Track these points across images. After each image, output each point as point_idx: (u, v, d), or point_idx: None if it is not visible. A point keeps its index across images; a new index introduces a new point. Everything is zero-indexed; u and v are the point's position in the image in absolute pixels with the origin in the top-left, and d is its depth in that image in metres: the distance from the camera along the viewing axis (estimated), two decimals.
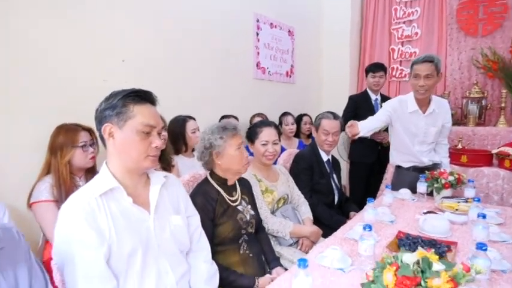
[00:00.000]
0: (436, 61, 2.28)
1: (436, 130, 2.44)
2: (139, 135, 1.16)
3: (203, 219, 1.48)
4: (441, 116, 2.45)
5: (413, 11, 4.36)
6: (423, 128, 2.43)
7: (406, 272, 0.94)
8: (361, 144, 3.38)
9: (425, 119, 2.42)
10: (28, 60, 1.88)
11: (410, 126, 2.45)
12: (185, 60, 2.82)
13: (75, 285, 1.05)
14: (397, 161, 2.61)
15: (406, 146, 2.50)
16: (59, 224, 1.09)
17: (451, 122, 2.54)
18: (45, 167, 1.80)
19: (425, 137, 2.45)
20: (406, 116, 2.44)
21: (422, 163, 2.49)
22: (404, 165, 2.57)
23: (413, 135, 2.46)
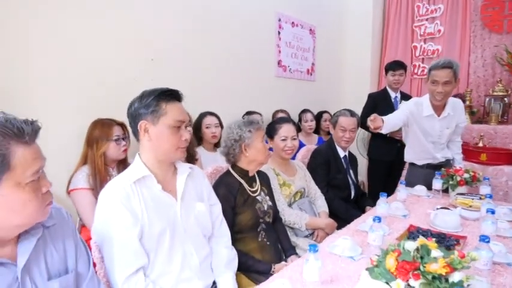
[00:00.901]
0: (455, 67, 2.26)
1: (450, 131, 2.48)
2: (171, 130, 1.31)
3: (225, 208, 1.62)
4: (455, 118, 2.47)
5: (437, 8, 4.33)
6: (438, 131, 2.46)
7: (407, 258, 1.03)
8: (379, 142, 3.43)
9: (439, 122, 2.44)
10: (67, 62, 2.05)
11: (425, 128, 2.48)
12: (209, 59, 2.95)
13: (112, 261, 1.21)
14: (412, 158, 2.66)
15: (421, 145, 2.54)
16: (99, 206, 1.25)
17: (465, 121, 2.56)
18: (82, 158, 1.98)
19: (440, 138, 2.49)
20: (422, 119, 2.46)
21: (435, 159, 2.54)
22: (419, 162, 2.62)
23: (429, 135, 2.50)
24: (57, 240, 1.02)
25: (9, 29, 1.81)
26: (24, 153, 0.83)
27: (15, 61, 1.84)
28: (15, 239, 0.92)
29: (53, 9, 1.97)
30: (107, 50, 2.23)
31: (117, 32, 2.28)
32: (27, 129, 0.83)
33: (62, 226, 1.05)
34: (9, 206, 0.83)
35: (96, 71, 2.18)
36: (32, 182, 0.85)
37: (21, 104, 1.83)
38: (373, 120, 2.18)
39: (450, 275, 0.99)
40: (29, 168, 0.84)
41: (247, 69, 3.34)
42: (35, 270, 0.95)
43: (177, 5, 2.66)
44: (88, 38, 2.13)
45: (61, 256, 1.03)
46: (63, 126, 2.04)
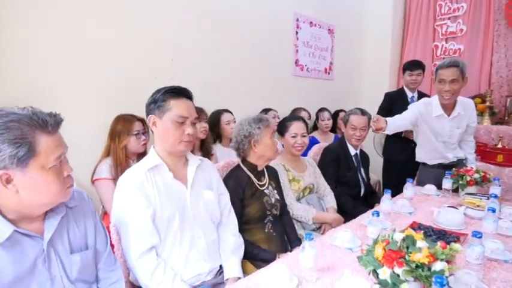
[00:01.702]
0: (461, 66, 2.29)
1: (460, 131, 2.48)
2: (174, 124, 1.43)
3: (233, 200, 1.73)
4: (466, 118, 2.47)
5: (459, 6, 4.27)
6: (448, 131, 2.47)
7: (393, 247, 1.11)
8: (394, 141, 3.45)
9: (450, 122, 2.45)
10: (93, 62, 2.21)
11: (436, 128, 2.50)
12: (227, 58, 3.07)
13: (128, 239, 1.35)
14: (423, 158, 2.69)
15: (431, 145, 2.56)
16: (117, 192, 1.40)
17: (476, 121, 2.55)
18: (105, 150, 2.14)
19: (450, 138, 2.50)
20: (432, 120, 2.48)
21: (447, 159, 2.55)
22: (430, 162, 2.63)
23: (439, 135, 2.51)
24: (79, 220, 1.17)
25: (40, 32, 1.98)
26: (48, 141, 0.96)
27: (47, 62, 2.02)
28: (42, 216, 1.06)
29: (79, 11, 2.13)
30: (129, 51, 2.39)
31: (139, 33, 2.43)
32: (50, 120, 0.97)
33: (83, 207, 1.20)
34: (36, 187, 0.96)
35: (120, 71, 2.34)
36: (55, 166, 0.99)
37: (53, 101, 2.00)
38: (376, 121, 2.22)
39: (433, 264, 1.06)
40: (51, 154, 0.97)
41: (265, 68, 3.44)
42: (59, 244, 1.09)
43: (196, 5, 2.78)
44: (112, 39, 2.29)
45: (82, 234, 1.17)
46: (89, 121, 2.21)
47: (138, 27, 2.42)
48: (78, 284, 1.13)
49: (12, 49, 1.89)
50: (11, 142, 0.90)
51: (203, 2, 2.83)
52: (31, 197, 0.97)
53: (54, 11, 2.02)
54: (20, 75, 1.92)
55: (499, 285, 1.26)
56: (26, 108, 0.96)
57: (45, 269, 1.04)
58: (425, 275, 1.03)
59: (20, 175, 0.93)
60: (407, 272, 1.05)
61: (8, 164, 0.91)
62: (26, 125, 0.93)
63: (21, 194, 0.95)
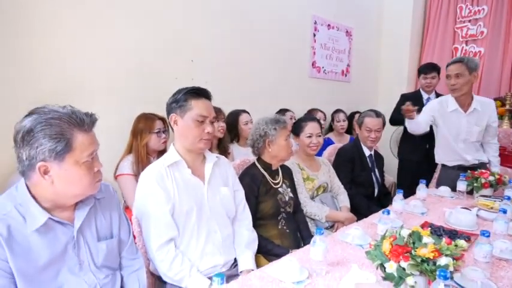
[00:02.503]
0: (465, 61, 2.41)
1: (479, 129, 2.50)
2: (194, 123, 1.52)
3: (249, 196, 1.80)
4: (485, 115, 2.49)
5: (480, 9, 4.23)
6: (465, 127, 2.51)
7: (399, 242, 1.16)
8: (409, 141, 3.47)
9: (467, 118, 2.50)
10: (117, 63, 2.33)
11: (452, 125, 2.54)
12: (245, 60, 3.15)
13: (149, 231, 1.44)
14: (442, 159, 2.70)
15: (449, 145, 2.59)
16: (139, 186, 1.49)
17: (496, 121, 2.55)
18: (128, 147, 2.25)
19: (468, 135, 2.52)
20: (447, 115, 2.55)
21: (466, 161, 2.56)
22: (449, 163, 2.65)
23: (456, 134, 2.54)
24: (105, 210, 1.26)
25: (61, 34, 2.09)
26: (83, 139, 1.06)
27: (68, 63, 2.14)
28: (73, 206, 1.16)
29: (103, 12, 2.24)
30: (151, 52, 2.50)
31: (160, 35, 2.54)
32: (87, 120, 1.07)
33: (109, 199, 1.29)
34: (69, 179, 1.06)
35: (142, 71, 2.45)
36: (87, 161, 1.08)
37: (76, 101, 2.08)
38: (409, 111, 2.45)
39: (438, 259, 1.10)
40: (85, 151, 1.07)
41: (282, 69, 3.51)
42: (88, 232, 1.18)
43: (216, 8, 2.88)
44: (134, 41, 2.40)
45: (108, 223, 1.26)
46: (113, 119, 2.30)
47: (159, 28, 2.53)
48: (104, 270, 1.22)
49: (32, 51, 2.00)
50: (52, 137, 1.00)
51: (223, 5, 2.92)
52: (64, 188, 1.06)
53: (75, 11, 2.13)
54: (42, 77, 2.04)
55: (506, 282, 1.29)
56: (66, 107, 1.06)
57: (75, 254, 1.13)
58: (430, 269, 1.08)
59: (56, 167, 1.03)
60: (413, 266, 1.10)
61: (47, 156, 1.01)
62: (65, 123, 1.03)
63: (56, 184, 1.05)
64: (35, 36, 2.00)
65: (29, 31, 1.97)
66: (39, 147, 0.99)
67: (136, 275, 1.33)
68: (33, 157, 1.00)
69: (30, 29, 1.97)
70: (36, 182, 1.04)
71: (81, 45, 2.17)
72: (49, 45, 2.05)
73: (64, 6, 2.09)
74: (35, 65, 2.01)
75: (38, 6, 1.99)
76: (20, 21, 1.93)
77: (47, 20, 2.03)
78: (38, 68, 2.02)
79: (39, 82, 2.02)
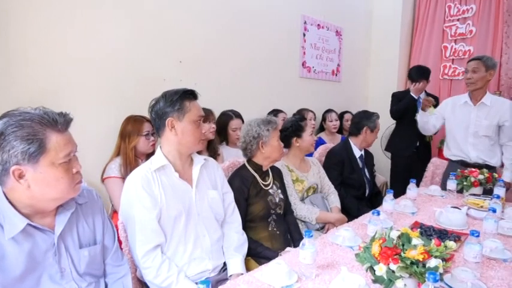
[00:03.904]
0: (484, 59, 2.54)
1: (487, 124, 2.54)
2: (194, 125, 1.52)
3: (238, 199, 1.78)
4: (496, 112, 2.54)
5: (469, 8, 4.25)
6: (474, 120, 2.59)
7: (389, 244, 1.14)
8: (399, 136, 3.49)
9: (476, 111, 2.59)
10: (103, 64, 2.28)
11: (461, 118, 2.65)
12: (235, 61, 3.11)
13: (134, 236, 1.41)
14: (448, 154, 2.78)
15: (455, 139, 2.69)
16: (124, 191, 1.46)
17: (510, 121, 2.52)
18: (116, 150, 2.21)
19: (477, 128, 2.58)
20: (458, 108, 2.68)
21: (469, 159, 2.61)
22: (453, 158, 2.73)
23: (465, 127, 2.63)
24: (88, 216, 1.23)
25: (49, 34, 2.04)
26: (58, 139, 1.02)
27: (55, 64, 2.08)
28: (54, 212, 1.12)
29: (88, 12, 2.18)
30: (139, 53, 2.45)
31: (148, 35, 2.49)
32: (60, 119, 1.04)
33: (92, 204, 1.26)
34: (46, 182, 1.02)
35: (128, 73, 2.40)
36: (64, 163, 1.05)
37: (64, 102, 2.05)
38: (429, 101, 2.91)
39: (427, 260, 1.09)
40: (61, 151, 1.03)
41: (272, 69, 3.48)
42: (69, 238, 1.15)
43: (204, 8, 2.83)
44: (120, 41, 2.35)
45: (91, 229, 1.23)
46: (99, 122, 2.27)
47: (147, 29, 2.48)
48: (87, 277, 1.19)
49: (23, 52, 1.95)
50: (23, 139, 0.96)
51: (211, 5, 2.88)
52: (41, 191, 1.03)
53: (63, 12, 2.08)
54: (30, 78, 1.98)
55: (496, 282, 1.28)
56: (38, 108, 1.03)
57: (56, 262, 1.10)
58: (419, 271, 1.06)
59: (31, 170, 0.99)
60: (402, 269, 1.08)
61: (21, 159, 0.97)
62: (37, 123, 0.99)
63: (33, 188, 1.01)
64: (23, 38, 1.95)
65: (16, 32, 1.92)
66: (11, 150, 0.96)
67: (121, 282, 1.29)
68: (6, 161, 0.97)
69: (18, 30, 1.93)
70: (12, 187, 1.01)
71: (68, 47, 2.12)
72: (36, 47, 2.00)
73: (52, 7, 2.04)
74: (21, 67, 1.96)
75: (24, 7, 1.94)
76: (8, 21, 1.88)
77: (35, 21, 1.98)
78: (24, 70, 1.97)
79: (25, 84, 1.96)
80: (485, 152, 2.58)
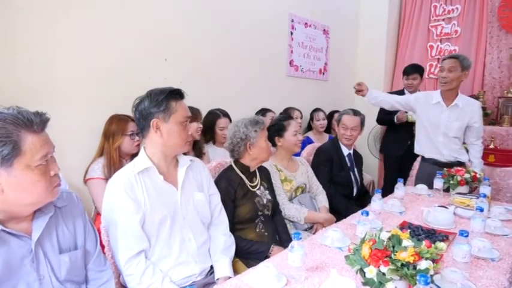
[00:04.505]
0: (461, 58, 2.48)
1: (458, 125, 2.54)
2: (180, 126, 1.46)
3: (225, 200, 1.74)
4: (466, 113, 2.53)
5: (454, 8, 4.30)
6: (445, 121, 2.56)
7: (379, 246, 1.12)
8: (392, 136, 3.51)
9: (448, 112, 2.56)
10: (86, 61, 2.21)
11: (432, 117, 2.60)
12: (222, 59, 3.07)
13: (117, 242, 1.35)
14: (420, 150, 2.77)
15: (428, 136, 2.65)
16: (106, 194, 1.40)
17: (479, 123, 2.56)
18: (99, 150, 2.14)
19: (447, 129, 2.56)
20: (430, 107, 2.62)
21: (442, 156, 2.60)
22: (426, 155, 2.72)
23: (436, 126, 2.60)
24: (68, 220, 1.17)
25: (31, 32, 1.97)
26: (33, 140, 0.97)
27: (37, 62, 2.00)
28: (31, 216, 1.06)
29: (70, 11, 2.11)
30: (123, 51, 2.39)
31: (132, 32, 2.42)
32: (35, 119, 0.97)
33: (72, 208, 1.20)
34: (21, 186, 0.96)
35: (113, 70, 2.34)
36: (41, 165, 0.99)
37: (45, 102, 1.99)
38: (360, 84, 2.74)
39: (418, 262, 1.07)
40: (37, 153, 0.97)
41: (259, 68, 3.44)
42: (48, 244, 1.09)
43: (191, 6, 2.78)
44: (105, 39, 2.28)
45: (71, 234, 1.17)
46: (82, 121, 2.20)
47: (130, 26, 2.42)
48: (67, 284, 1.13)
49: (5, 51, 1.88)
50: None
51: (198, 2, 2.83)
52: (17, 196, 0.97)
53: (47, 11, 2.02)
54: (9, 76, 1.91)
55: (485, 282, 1.28)
56: (12, 108, 0.97)
57: (33, 269, 1.04)
58: (410, 274, 1.05)
59: (5, 174, 0.94)
60: (393, 271, 1.06)
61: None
62: (10, 124, 0.93)
63: (7, 193, 0.95)
64: (5, 37, 1.87)
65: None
66: None
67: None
68: None
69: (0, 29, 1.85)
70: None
71: (50, 46, 2.05)
72: (17, 47, 1.92)
73: (35, 6, 1.97)
74: (3, 67, 1.87)
75: (6, 7, 1.86)
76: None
77: (18, 21, 1.90)
78: (4, 70, 1.88)
79: (5, 85, 1.88)
80: (456, 149, 2.61)
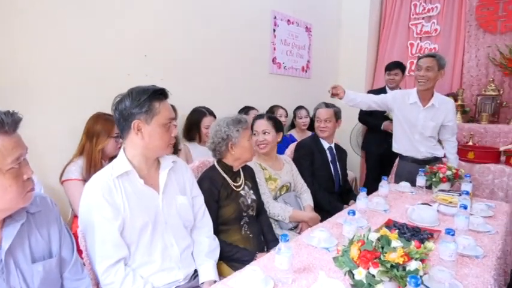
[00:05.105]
0: (438, 57, 2.48)
1: (434, 125, 2.56)
2: (163, 128, 1.37)
3: (209, 201, 1.69)
4: (442, 113, 2.55)
5: (433, 7, 4.35)
6: (421, 121, 2.57)
7: (368, 247, 1.10)
8: (373, 134, 3.54)
9: (424, 112, 2.56)
10: (62, 58, 2.11)
11: (409, 117, 2.60)
12: (204, 55, 3.00)
13: (94, 250, 1.28)
14: (397, 148, 2.78)
15: (405, 135, 2.66)
16: (83, 198, 1.33)
17: (453, 121, 2.60)
18: (79, 149, 2.02)
19: (423, 129, 2.58)
20: (407, 107, 2.61)
21: (419, 153, 2.63)
22: (404, 153, 2.74)
23: (413, 126, 2.61)
24: (42, 226, 1.10)
25: (7, 31, 1.87)
26: (4, 142, 0.90)
27: (12, 60, 1.90)
28: (0, 224, 0.99)
29: (46, 7, 2.02)
30: (100, 46, 2.29)
31: (111, 28, 2.34)
32: (6, 120, 0.90)
33: (47, 213, 1.13)
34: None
35: (91, 67, 2.24)
36: (13, 169, 0.92)
37: (20, 100, 1.90)
38: (335, 87, 2.61)
39: (408, 263, 1.06)
40: (8, 156, 0.90)
41: (241, 65, 3.40)
42: (19, 253, 1.02)
43: (172, 1, 2.71)
44: (82, 34, 2.19)
45: (45, 241, 1.10)
46: (59, 120, 2.10)
47: (110, 22, 2.33)
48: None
49: None
50: None
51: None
52: None
53: (23, 8, 1.92)
54: None
55: (471, 280, 1.28)
56: None
57: (3, 281, 0.97)
58: (400, 275, 1.03)
59: None
60: (383, 273, 1.04)
61: None
62: None
63: None
64: None
65: None
66: None
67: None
68: None
69: None
70: None
71: (26, 43, 1.94)
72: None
73: (12, 3, 1.86)
74: None
75: None
76: None
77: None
78: None
79: None
80: (432, 146, 2.64)
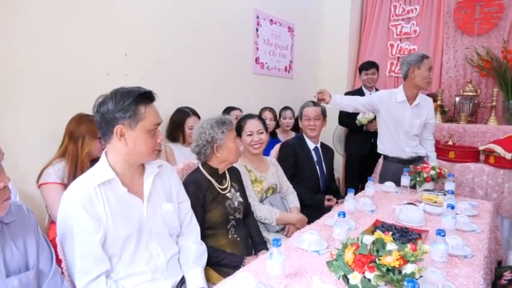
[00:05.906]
0: None
1: (419, 122, 2.61)
2: (148, 134, 1.29)
3: (194, 206, 1.63)
4: (425, 111, 2.62)
5: (413, 8, 4.43)
6: (408, 119, 2.60)
7: (363, 251, 1.08)
8: (355, 136, 3.56)
9: (411, 111, 2.60)
10: (39, 57, 2.00)
11: (396, 116, 2.62)
12: (186, 55, 2.93)
13: (73, 263, 1.20)
14: (383, 149, 2.79)
15: (391, 135, 2.67)
16: (61, 207, 1.24)
17: (434, 119, 2.68)
18: (61, 151, 1.88)
19: (410, 127, 2.61)
20: (394, 106, 2.62)
21: (404, 153, 2.65)
22: (389, 153, 2.75)
23: (399, 125, 2.63)
24: (17, 237, 1.02)
25: None
26: None
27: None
28: None
29: (22, 4, 1.91)
30: (79, 45, 2.19)
31: (90, 26, 2.24)
32: None
33: (23, 223, 1.05)
34: None
35: (67, 66, 2.14)
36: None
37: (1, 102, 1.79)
38: (321, 92, 2.55)
39: (403, 267, 1.04)
40: None
41: (224, 65, 3.34)
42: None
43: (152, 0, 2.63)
44: (60, 33, 2.09)
45: (21, 253, 1.02)
46: (33, 121, 1.99)
47: (88, 20, 2.23)
48: None
49: None
50: None
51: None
52: None
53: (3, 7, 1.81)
54: None
55: (462, 281, 1.28)
56: None
57: None
58: (396, 279, 1.01)
59: None
60: (379, 277, 1.02)
61: None
62: None
63: None
64: None
65: None
66: None
67: None
68: None
69: None
70: None
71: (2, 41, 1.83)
72: None
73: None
74: None
75: None
76: None
77: None
78: None
79: None
80: (416, 145, 2.67)
